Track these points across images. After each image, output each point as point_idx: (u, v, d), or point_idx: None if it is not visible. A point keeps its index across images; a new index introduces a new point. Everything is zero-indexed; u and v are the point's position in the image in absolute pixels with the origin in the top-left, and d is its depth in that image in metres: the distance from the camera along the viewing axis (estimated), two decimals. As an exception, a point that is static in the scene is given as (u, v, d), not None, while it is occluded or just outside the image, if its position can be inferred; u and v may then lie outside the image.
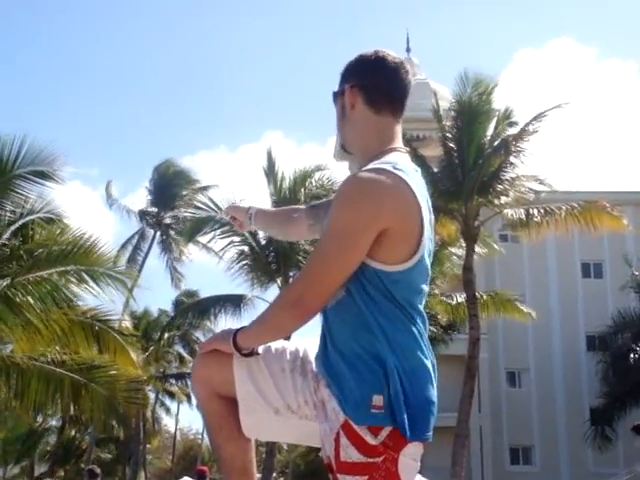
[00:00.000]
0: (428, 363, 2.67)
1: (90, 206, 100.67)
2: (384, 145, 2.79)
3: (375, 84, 2.81)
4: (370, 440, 2.56)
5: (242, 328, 2.82)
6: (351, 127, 2.87)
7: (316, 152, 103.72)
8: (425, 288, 2.75)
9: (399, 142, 2.84)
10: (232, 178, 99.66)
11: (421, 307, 2.72)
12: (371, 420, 2.56)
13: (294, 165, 27.53)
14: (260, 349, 2.84)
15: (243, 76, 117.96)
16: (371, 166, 2.67)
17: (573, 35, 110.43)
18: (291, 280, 25.70)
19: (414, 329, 2.66)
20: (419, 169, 2.82)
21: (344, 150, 2.98)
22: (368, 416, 2.56)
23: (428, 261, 2.73)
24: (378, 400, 2.55)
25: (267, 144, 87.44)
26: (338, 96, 2.91)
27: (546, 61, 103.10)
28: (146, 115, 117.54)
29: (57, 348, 15.29)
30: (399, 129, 2.88)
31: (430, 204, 2.77)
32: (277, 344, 2.87)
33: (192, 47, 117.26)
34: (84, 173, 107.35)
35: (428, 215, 2.71)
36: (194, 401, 3.06)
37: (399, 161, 2.70)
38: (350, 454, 2.58)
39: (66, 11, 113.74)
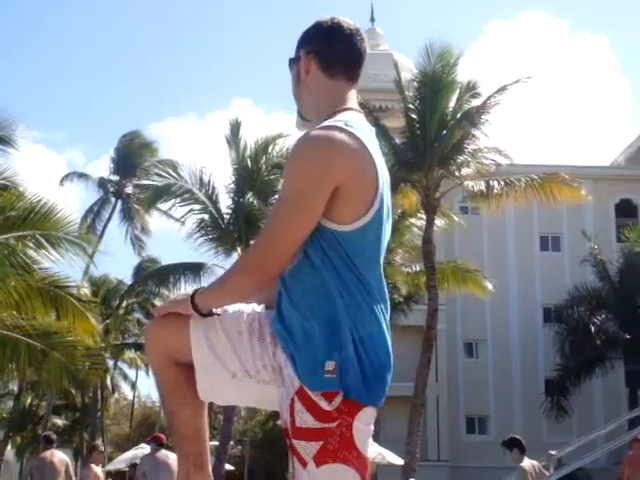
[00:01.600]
0: (385, 328, 2.67)
1: (54, 171, 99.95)
2: (337, 106, 2.80)
3: (329, 50, 2.83)
4: (324, 406, 2.57)
5: (200, 289, 2.80)
6: (306, 92, 2.90)
7: (285, 120, 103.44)
8: (384, 244, 2.75)
9: (353, 104, 2.85)
10: (199, 145, 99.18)
11: (379, 270, 2.72)
12: (325, 386, 2.56)
13: (260, 133, 27.45)
14: (218, 311, 2.80)
15: (212, 43, 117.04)
16: (322, 124, 2.68)
17: (544, 8, 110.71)
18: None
19: (370, 294, 2.66)
20: (374, 129, 2.83)
21: (300, 116, 2.99)
22: (321, 382, 2.56)
23: (386, 219, 2.73)
24: (330, 365, 2.56)
25: (235, 112, 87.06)
26: (294, 62, 2.93)
27: (517, 34, 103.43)
28: (115, 81, 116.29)
29: (14, 313, 15.13)
30: (354, 93, 2.89)
31: (384, 163, 2.77)
32: (234, 307, 2.83)
33: (162, 13, 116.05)
34: (49, 137, 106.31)
35: (383, 172, 2.71)
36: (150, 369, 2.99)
37: (351, 119, 2.71)
38: (305, 420, 2.59)
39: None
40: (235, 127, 26.43)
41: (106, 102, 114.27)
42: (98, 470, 14.33)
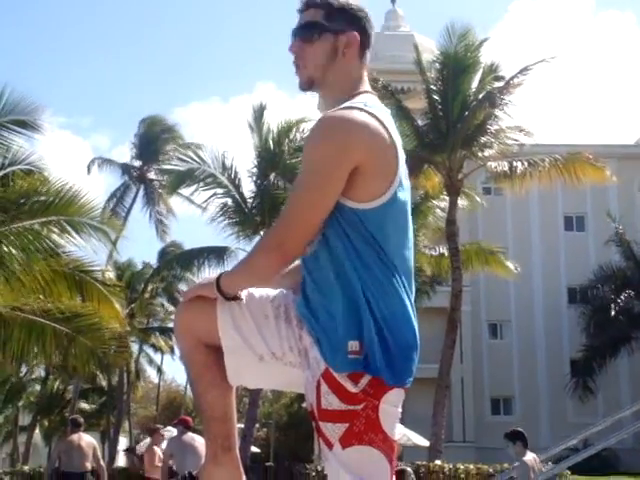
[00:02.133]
0: (409, 307, 2.67)
1: (80, 156, 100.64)
2: (356, 89, 2.84)
3: (368, 35, 2.88)
4: (350, 388, 2.58)
5: (225, 272, 2.82)
6: (335, 70, 2.84)
7: (309, 104, 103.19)
8: (407, 223, 2.76)
9: (368, 86, 2.90)
10: (224, 129, 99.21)
11: (404, 250, 2.73)
12: (350, 367, 2.57)
13: (283, 117, 27.50)
14: (243, 295, 2.82)
15: (236, 27, 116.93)
16: (342, 106, 2.71)
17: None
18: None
19: (393, 273, 2.66)
20: (389, 110, 2.86)
21: (306, 87, 2.90)
22: (347, 363, 2.57)
23: (406, 196, 2.73)
24: (354, 346, 2.57)
25: (259, 95, 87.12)
26: (322, 32, 2.84)
27: (542, 12, 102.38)
28: (140, 67, 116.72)
29: (40, 297, 15.23)
30: (366, 75, 2.94)
31: (401, 143, 2.78)
32: (261, 291, 2.85)
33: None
34: (75, 123, 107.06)
35: (401, 152, 2.74)
36: (177, 353, 3.03)
37: (369, 101, 2.75)
38: (331, 402, 2.60)
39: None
40: (259, 111, 26.40)
41: (131, 87, 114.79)
42: (159, 451, 14.69)
